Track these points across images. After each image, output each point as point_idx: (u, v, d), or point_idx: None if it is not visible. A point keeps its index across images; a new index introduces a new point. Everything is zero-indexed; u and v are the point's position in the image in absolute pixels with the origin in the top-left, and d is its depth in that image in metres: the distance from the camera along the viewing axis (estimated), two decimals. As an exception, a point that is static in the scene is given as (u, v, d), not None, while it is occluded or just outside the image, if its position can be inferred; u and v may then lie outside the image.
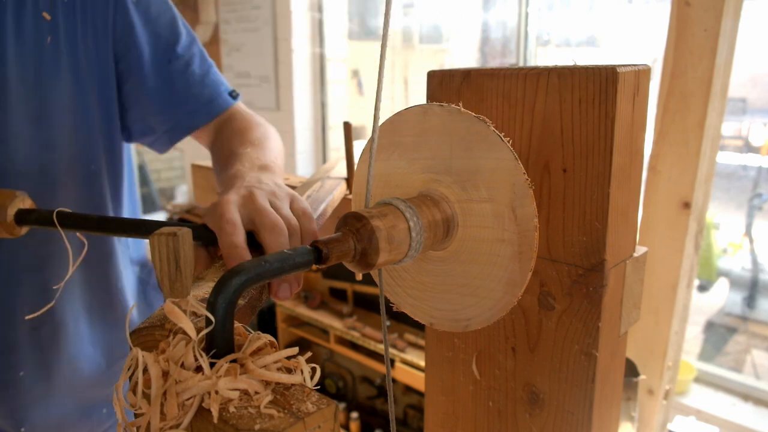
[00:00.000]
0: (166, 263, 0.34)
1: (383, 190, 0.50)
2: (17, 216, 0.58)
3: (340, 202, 0.78)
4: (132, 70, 0.80)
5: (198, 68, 0.82)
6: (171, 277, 0.34)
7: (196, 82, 0.81)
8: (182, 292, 0.34)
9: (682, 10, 0.98)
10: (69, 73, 0.73)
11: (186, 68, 0.81)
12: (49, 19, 0.71)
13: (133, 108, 0.82)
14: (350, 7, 2.83)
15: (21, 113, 0.70)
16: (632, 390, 1.01)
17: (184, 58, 0.81)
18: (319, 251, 0.38)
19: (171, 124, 0.82)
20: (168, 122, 0.82)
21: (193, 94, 0.81)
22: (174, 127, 0.82)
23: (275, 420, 0.29)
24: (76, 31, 0.73)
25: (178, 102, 0.81)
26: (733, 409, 1.90)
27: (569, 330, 0.48)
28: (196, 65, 0.82)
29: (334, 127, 2.84)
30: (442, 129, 0.44)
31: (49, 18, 0.71)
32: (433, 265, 0.48)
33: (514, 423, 0.55)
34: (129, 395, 0.33)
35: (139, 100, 0.81)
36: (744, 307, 2.44)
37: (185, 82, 0.81)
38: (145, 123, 0.83)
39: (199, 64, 0.83)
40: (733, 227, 2.55)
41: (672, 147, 1.03)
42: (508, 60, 2.35)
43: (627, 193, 0.47)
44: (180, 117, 0.81)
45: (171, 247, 0.33)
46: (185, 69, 0.81)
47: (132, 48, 0.79)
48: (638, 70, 0.45)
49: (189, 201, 3.42)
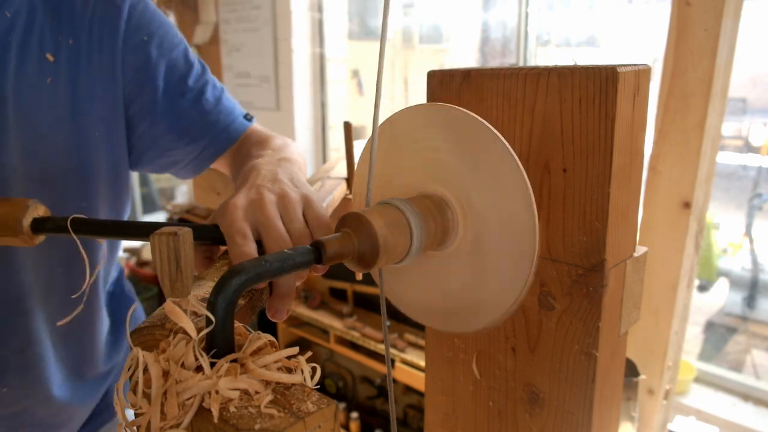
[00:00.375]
0: (166, 263, 0.34)
1: (384, 190, 0.50)
2: (33, 225, 0.57)
3: (341, 202, 0.78)
4: (147, 110, 0.79)
5: (211, 96, 0.82)
6: (171, 276, 0.34)
7: (210, 110, 0.81)
8: (183, 292, 0.34)
9: (682, 10, 0.99)
10: (66, 114, 0.73)
11: (199, 97, 0.81)
12: (52, 60, 0.71)
13: (151, 147, 0.81)
14: (350, 7, 2.83)
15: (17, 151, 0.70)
16: (632, 390, 1.02)
17: (197, 88, 0.81)
18: (319, 251, 0.38)
19: (193, 157, 0.82)
20: (190, 155, 0.82)
21: (209, 123, 0.81)
22: (198, 157, 0.82)
23: (275, 420, 0.30)
24: (78, 74, 0.73)
25: (197, 135, 0.81)
26: (733, 409, 1.90)
27: (569, 330, 0.48)
28: (209, 93, 0.82)
29: (334, 127, 2.84)
30: (442, 129, 0.44)
31: (52, 60, 0.71)
32: (433, 265, 0.48)
33: (514, 423, 0.55)
34: (129, 395, 0.33)
35: (156, 138, 0.81)
36: (744, 307, 2.44)
37: (200, 111, 0.80)
38: (167, 158, 0.83)
39: (212, 92, 0.82)
40: (733, 227, 2.56)
41: (672, 147, 1.03)
42: (508, 60, 2.35)
43: (627, 193, 0.47)
44: (201, 148, 0.81)
45: (172, 246, 0.33)
46: (198, 98, 0.80)
47: (147, 84, 0.78)
48: (638, 70, 0.45)
49: (189, 201, 3.42)
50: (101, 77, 0.75)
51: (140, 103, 0.78)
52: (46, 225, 0.57)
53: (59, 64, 0.71)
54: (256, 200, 0.52)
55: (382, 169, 0.49)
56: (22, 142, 0.70)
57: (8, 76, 0.68)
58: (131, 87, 0.77)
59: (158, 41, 0.78)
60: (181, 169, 0.85)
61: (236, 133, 0.82)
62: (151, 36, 0.78)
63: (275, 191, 0.53)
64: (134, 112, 0.79)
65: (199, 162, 0.83)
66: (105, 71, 0.75)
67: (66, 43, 0.72)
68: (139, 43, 0.77)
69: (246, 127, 0.83)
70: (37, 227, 0.57)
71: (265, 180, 0.56)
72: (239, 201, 0.52)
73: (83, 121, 0.74)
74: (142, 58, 0.77)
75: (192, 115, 0.80)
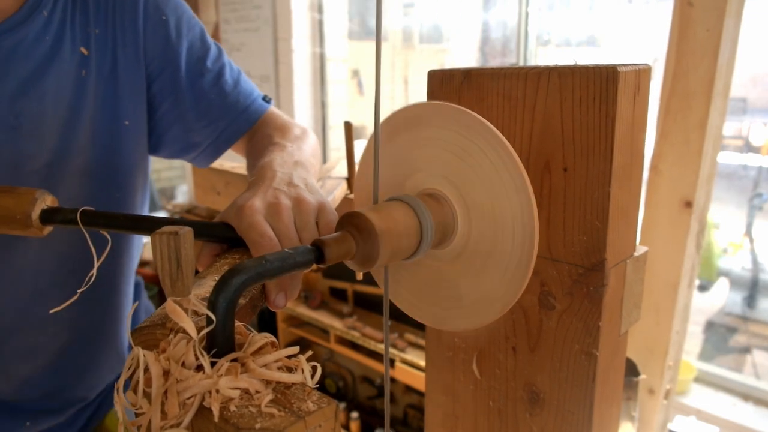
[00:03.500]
0: (167, 262, 0.34)
1: (383, 189, 0.50)
2: (42, 216, 0.56)
3: (341, 202, 0.78)
4: (168, 89, 0.79)
5: (229, 78, 0.82)
6: (172, 276, 0.34)
7: (229, 92, 0.81)
8: (183, 291, 0.34)
9: (684, 9, 0.99)
10: (100, 105, 0.74)
11: (218, 79, 0.81)
12: (86, 54, 0.72)
13: (172, 128, 0.81)
14: (350, 7, 2.83)
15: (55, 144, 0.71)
16: (633, 390, 1.02)
17: (216, 69, 0.81)
18: (319, 250, 0.38)
19: (213, 138, 0.82)
20: (211, 136, 0.82)
21: (229, 104, 0.81)
22: (218, 139, 0.82)
23: (276, 419, 0.30)
24: (107, 63, 0.74)
25: (218, 115, 0.81)
26: (733, 409, 1.90)
27: (570, 329, 0.48)
28: (227, 75, 0.82)
29: (334, 127, 2.84)
30: (442, 127, 0.44)
31: (86, 53, 0.72)
32: (433, 264, 0.48)
33: (515, 423, 0.55)
34: (129, 394, 0.33)
35: (178, 118, 0.81)
36: (744, 307, 2.44)
37: (219, 93, 0.81)
38: (187, 140, 0.83)
39: (230, 74, 0.82)
40: (733, 227, 2.55)
41: (673, 146, 1.03)
42: (508, 60, 2.35)
43: (628, 193, 0.47)
44: (222, 129, 0.81)
45: (172, 246, 0.33)
46: (218, 80, 0.81)
47: (169, 63, 0.78)
48: (639, 69, 0.45)
49: (189, 201, 3.42)
50: (126, 63, 0.75)
51: (162, 81, 0.79)
52: (56, 217, 0.56)
53: (91, 56, 0.73)
54: (273, 204, 0.51)
55: (382, 168, 0.49)
56: (60, 136, 0.71)
57: (47, 72, 0.69)
58: (153, 66, 0.78)
59: (176, 22, 0.79)
60: (200, 153, 0.85)
61: (256, 114, 0.82)
62: (169, 16, 0.79)
63: (292, 196, 0.53)
64: (156, 91, 0.79)
65: (218, 145, 0.83)
66: (129, 56, 0.76)
67: (93, 33, 0.73)
68: (158, 23, 0.77)
69: (265, 109, 0.83)
70: (46, 219, 0.56)
71: (281, 183, 0.56)
72: (256, 203, 0.51)
73: (115, 110, 0.75)
74: (163, 38, 0.78)
75: (211, 96, 0.80)
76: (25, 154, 0.69)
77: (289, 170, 0.59)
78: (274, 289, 0.47)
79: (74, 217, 0.54)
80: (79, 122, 0.72)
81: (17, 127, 0.68)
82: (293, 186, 0.56)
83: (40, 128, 0.69)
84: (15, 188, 0.58)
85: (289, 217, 0.51)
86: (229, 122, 0.81)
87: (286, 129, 0.76)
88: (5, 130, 0.67)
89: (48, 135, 0.70)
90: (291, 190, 0.55)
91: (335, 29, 2.77)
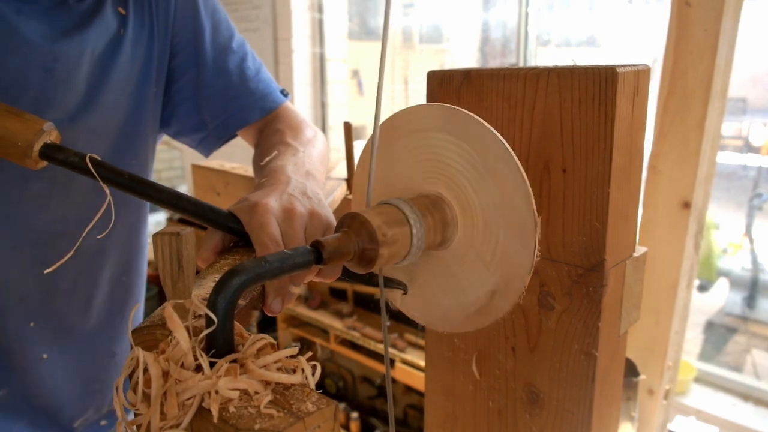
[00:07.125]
0: (168, 262, 0.34)
1: (384, 190, 0.50)
2: (43, 150, 0.52)
3: (341, 203, 0.78)
4: (191, 63, 0.80)
5: (251, 64, 0.83)
6: (173, 276, 0.34)
7: (251, 77, 0.82)
8: (184, 292, 0.34)
9: (682, 10, 0.99)
10: (132, 68, 0.75)
11: (242, 62, 0.82)
12: (124, 14, 0.74)
13: (186, 102, 0.82)
14: (350, 7, 2.83)
15: (82, 100, 0.71)
16: (632, 390, 1.02)
17: (240, 53, 0.83)
18: (318, 251, 0.38)
19: (224, 118, 0.82)
20: (221, 116, 0.82)
21: (248, 89, 0.82)
22: (227, 121, 0.82)
23: (275, 420, 0.30)
24: (141, 25, 0.75)
25: (234, 95, 0.81)
26: (733, 409, 1.90)
27: (569, 330, 0.48)
28: (249, 61, 0.83)
29: (334, 127, 2.84)
30: (442, 129, 0.44)
31: (124, 13, 0.74)
32: (433, 264, 0.48)
33: (514, 423, 0.55)
34: (129, 394, 0.33)
35: (195, 93, 0.82)
36: (744, 307, 2.44)
37: (241, 75, 0.82)
38: (198, 117, 0.83)
39: (252, 61, 0.84)
40: (733, 227, 2.55)
41: (672, 147, 1.04)
42: (508, 60, 2.35)
43: (627, 193, 0.47)
44: (234, 110, 0.82)
45: (174, 246, 0.33)
46: (241, 63, 0.82)
47: (195, 36, 0.80)
48: (638, 70, 0.45)
49: (189, 201, 3.41)
50: (158, 31, 0.77)
51: (185, 54, 0.80)
52: (58, 155, 0.53)
53: (128, 16, 0.74)
54: (288, 210, 0.51)
55: (382, 169, 0.49)
56: (88, 88, 0.72)
57: (91, 24, 0.70)
58: (179, 38, 0.79)
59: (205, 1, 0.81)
60: (208, 135, 0.85)
61: (273, 104, 0.83)
62: None
63: (306, 207, 0.54)
64: (177, 64, 0.80)
65: (227, 126, 0.83)
66: (161, 25, 0.77)
67: None
68: None
69: (282, 101, 0.84)
70: (46, 154, 0.53)
71: (296, 191, 0.56)
72: (271, 203, 0.51)
73: (146, 75, 0.77)
74: (191, 12, 0.79)
75: (233, 77, 0.81)
76: (52, 99, 0.69)
77: (303, 180, 0.60)
78: (272, 293, 0.47)
79: (76, 161, 0.51)
80: (109, 79, 0.73)
81: (52, 69, 0.68)
82: (308, 197, 0.56)
83: (73, 77, 0.70)
84: (24, 113, 0.54)
85: (301, 225, 0.51)
86: (243, 105, 0.82)
87: (299, 129, 0.76)
88: (40, 69, 0.67)
89: (78, 85, 0.70)
90: (306, 201, 0.55)
91: (335, 29, 2.78)
